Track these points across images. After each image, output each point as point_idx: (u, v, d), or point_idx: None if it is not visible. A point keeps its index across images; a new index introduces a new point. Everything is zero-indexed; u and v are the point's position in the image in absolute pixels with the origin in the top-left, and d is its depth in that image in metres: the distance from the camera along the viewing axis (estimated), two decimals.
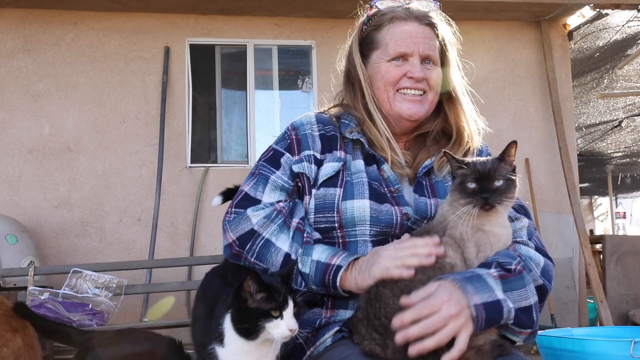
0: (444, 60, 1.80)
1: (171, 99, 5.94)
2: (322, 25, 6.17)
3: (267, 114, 6.36)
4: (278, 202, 1.65)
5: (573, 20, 6.54)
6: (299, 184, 1.71)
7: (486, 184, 1.47)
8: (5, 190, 5.66)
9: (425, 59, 1.74)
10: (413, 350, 1.36)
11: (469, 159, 1.57)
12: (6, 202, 5.59)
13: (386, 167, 1.70)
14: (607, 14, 6.27)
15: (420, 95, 1.75)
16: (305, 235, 1.61)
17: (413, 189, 1.70)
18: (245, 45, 6.18)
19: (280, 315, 1.36)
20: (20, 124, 5.75)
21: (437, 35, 1.78)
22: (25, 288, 4.03)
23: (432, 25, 1.77)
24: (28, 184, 5.69)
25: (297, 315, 1.40)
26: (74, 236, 5.68)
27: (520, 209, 1.69)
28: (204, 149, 6.32)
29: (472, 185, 1.47)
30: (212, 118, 6.34)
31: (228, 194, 1.95)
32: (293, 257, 1.57)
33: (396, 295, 1.44)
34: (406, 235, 1.58)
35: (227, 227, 1.64)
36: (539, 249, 1.63)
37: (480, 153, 1.80)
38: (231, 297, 1.40)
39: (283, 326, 1.36)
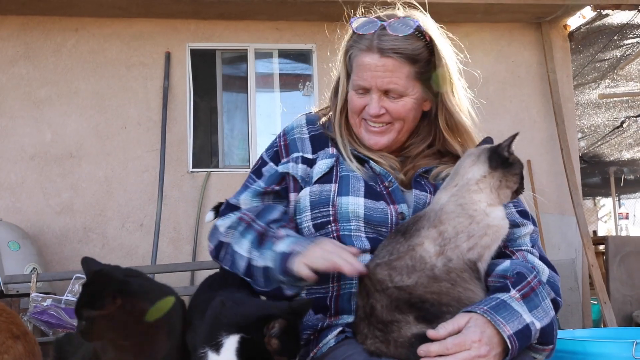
0: (436, 84, 1.70)
1: (172, 104, 5.95)
2: (323, 28, 6.14)
3: (269, 118, 6.36)
4: (253, 207, 1.72)
5: (573, 21, 6.53)
6: (284, 185, 1.74)
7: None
8: (8, 197, 5.67)
9: (386, 93, 1.66)
10: None
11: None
12: (8, 209, 5.60)
13: (373, 164, 1.70)
14: (607, 15, 6.27)
15: (383, 126, 1.70)
16: (269, 234, 1.62)
17: (412, 186, 1.68)
18: (246, 49, 6.18)
19: None
20: (22, 131, 5.76)
21: (415, 60, 1.64)
22: (28, 295, 4.03)
23: (400, 54, 1.62)
24: (30, 190, 5.70)
25: None
26: (77, 242, 5.68)
27: (525, 215, 1.69)
28: (206, 153, 6.32)
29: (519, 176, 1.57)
30: (214, 123, 6.35)
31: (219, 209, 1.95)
32: (252, 260, 1.59)
33: (397, 287, 1.42)
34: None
35: (209, 236, 1.71)
36: (542, 258, 1.62)
37: None
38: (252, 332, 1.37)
39: None
